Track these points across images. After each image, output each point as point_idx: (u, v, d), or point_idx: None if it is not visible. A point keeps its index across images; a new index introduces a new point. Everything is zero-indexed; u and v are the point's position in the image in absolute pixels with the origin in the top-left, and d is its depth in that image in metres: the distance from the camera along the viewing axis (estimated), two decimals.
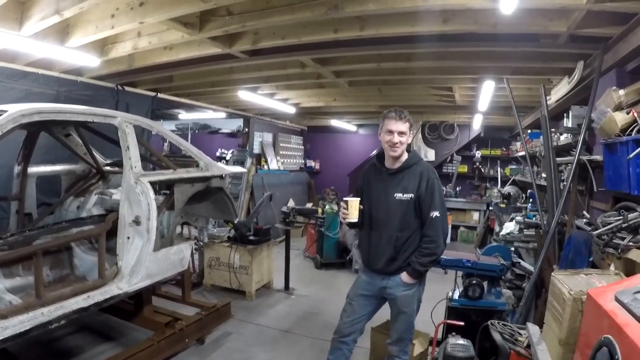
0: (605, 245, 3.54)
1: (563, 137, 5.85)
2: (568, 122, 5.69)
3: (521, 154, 9.44)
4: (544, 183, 6.26)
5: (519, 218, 6.82)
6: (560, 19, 4.24)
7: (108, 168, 5.87)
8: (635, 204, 3.57)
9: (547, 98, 5.90)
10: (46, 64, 6.32)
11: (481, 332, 3.90)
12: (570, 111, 5.62)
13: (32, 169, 5.39)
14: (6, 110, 3.64)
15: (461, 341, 3.50)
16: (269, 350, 5.44)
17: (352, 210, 3.71)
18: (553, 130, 5.78)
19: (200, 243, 7.41)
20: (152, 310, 5.35)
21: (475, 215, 12.88)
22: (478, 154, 13.23)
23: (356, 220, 3.75)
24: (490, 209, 11.28)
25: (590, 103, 4.66)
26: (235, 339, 5.74)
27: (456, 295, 4.48)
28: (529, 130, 8.29)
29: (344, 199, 3.81)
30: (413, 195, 3.64)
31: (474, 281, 4.32)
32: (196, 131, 13.88)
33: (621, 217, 3.51)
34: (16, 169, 5.28)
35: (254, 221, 7.73)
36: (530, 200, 8.04)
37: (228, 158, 12.02)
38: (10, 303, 3.78)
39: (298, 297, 7.48)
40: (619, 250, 3.36)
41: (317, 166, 15.71)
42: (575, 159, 4.67)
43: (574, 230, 4.68)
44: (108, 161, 5.97)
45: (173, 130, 7.80)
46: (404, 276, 3.69)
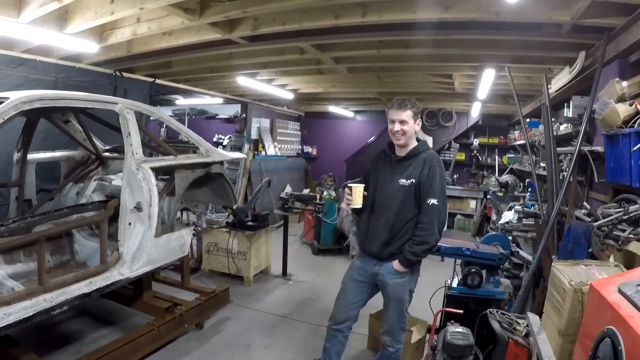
0: (605, 237, 3.56)
1: (563, 127, 5.84)
2: (568, 112, 5.68)
3: (520, 142, 9.46)
4: (543, 172, 6.28)
5: (518, 207, 6.84)
6: (564, 8, 4.22)
7: (107, 154, 5.87)
8: (636, 196, 3.60)
9: (548, 87, 5.91)
10: (44, 51, 6.27)
11: (479, 321, 3.93)
12: (570, 101, 5.62)
13: (32, 156, 5.40)
14: (7, 98, 3.64)
15: (461, 329, 3.52)
16: (267, 336, 5.47)
17: (356, 196, 3.74)
18: (553, 120, 5.78)
19: (198, 229, 7.44)
20: (152, 296, 5.38)
21: (472, 204, 12.88)
22: (476, 142, 13.23)
23: (360, 206, 3.77)
24: (488, 197, 11.31)
25: (592, 94, 4.65)
26: (234, 324, 5.76)
27: (455, 283, 4.50)
28: (528, 119, 8.28)
29: (348, 184, 3.84)
30: (414, 180, 3.64)
31: (473, 269, 4.34)
32: (193, 117, 13.86)
33: (622, 209, 3.53)
34: (15, 155, 5.29)
35: (251, 207, 7.74)
36: (529, 189, 8.06)
37: (225, 144, 12.01)
38: (12, 289, 3.79)
39: (296, 283, 7.52)
40: (619, 242, 3.38)
41: (314, 152, 15.70)
42: (576, 149, 4.67)
43: (573, 221, 4.70)
44: (107, 147, 5.96)
45: (170, 116, 7.78)
46: (395, 264, 3.70)
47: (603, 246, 3.66)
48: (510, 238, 6.04)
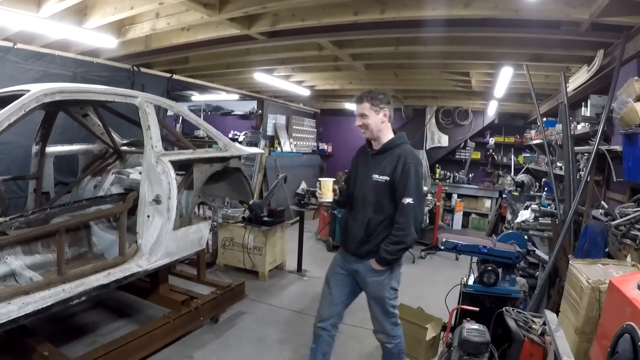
0: (623, 236, 3.54)
1: (580, 126, 5.81)
2: (586, 111, 5.65)
3: (536, 142, 9.40)
4: (559, 172, 6.24)
5: (534, 206, 6.81)
6: (583, 6, 4.19)
7: (125, 148, 5.92)
8: None
9: (566, 86, 5.87)
10: (63, 46, 6.34)
11: (495, 319, 3.92)
12: (588, 100, 5.58)
13: (50, 149, 5.48)
14: (29, 90, 3.69)
15: (477, 326, 3.51)
16: (282, 331, 5.50)
17: (325, 190, 3.85)
18: (570, 119, 5.75)
19: (214, 223, 7.48)
20: (168, 289, 5.41)
21: (487, 203, 12.84)
22: (492, 141, 13.13)
23: (330, 200, 3.87)
24: (503, 196, 11.24)
25: (610, 93, 4.63)
26: (249, 318, 5.80)
27: (471, 281, 4.49)
28: (545, 119, 8.23)
29: (319, 179, 3.94)
30: (389, 178, 3.59)
31: (489, 267, 4.32)
32: (209, 113, 13.90)
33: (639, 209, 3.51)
34: (34, 148, 5.36)
35: (267, 202, 7.77)
36: (545, 189, 8.01)
37: (241, 140, 12.04)
38: (30, 280, 3.85)
39: (311, 279, 7.54)
40: (637, 242, 3.36)
41: (330, 149, 15.66)
42: (594, 148, 4.65)
43: (590, 220, 4.67)
44: (125, 141, 6.02)
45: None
46: (372, 262, 3.66)
47: (620, 245, 3.64)
48: (526, 237, 6.01)
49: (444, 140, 13.43)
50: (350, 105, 13.59)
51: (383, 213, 3.62)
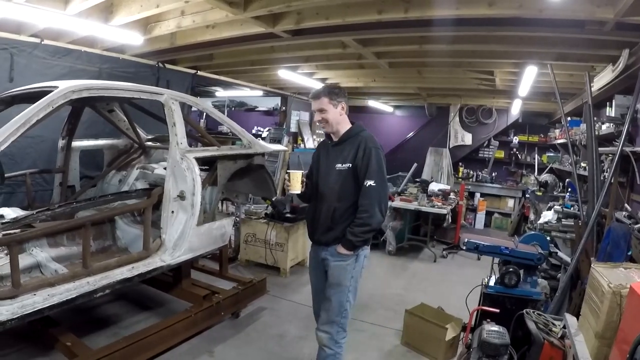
0: None
1: (605, 127, 5.74)
2: (611, 112, 5.59)
3: (560, 141, 9.31)
4: (583, 173, 6.18)
5: (557, 207, 6.75)
6: (608, 6, 4.13)
7: (150, 143, 6.01)
8: None
9: (591, 85, 5.81)
10: (89, 42, 6.44)
11: (515, 321, 3.90)
12: (613, 100, 5.52)
13: (76, 143, 5.59)
14: (57, 87, 3.75)
15: (497, 328, 3.51)
16: (302, 327, 5.52)
17: (294, 182, 3.83)
18: (595, 119, 5.68)
19: (237, 219, 7.55)
20: (191, 283, 5.47)
21: (510, 202, 12.76)
22: (515, 140, 13.02)
23: (299, 192, 3.86)
24: (527, 196, 11.15)
25: (635, 93, 4.57)
26: (269, 314, 5.85)
27: (492, 282, 4.47)
28: (569, 118, 8.14)
29: (288, 171, 3.99)
30: (351, 164, 3.62)
31: (511, 269, 4.30)
32: (232, 109, 13.99)
33: None
34: (60, 142, 5.48)
35: (290, 199, 7.80)
36: (569, 189, 7.94)
37: (264, 136, 12.11)
38: (55, 272, 3.95)
39: None
40: None
41: None
42: (619, 150, 4.60)
43: (613, 223, 4.62)
44: (149, 137, 6.11)
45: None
46: (338, 247, 3.65)
47: None
48: (549, 238, 5.97)
49: (467, 138, 13.36)
50: (373, 103, 13.58)
51: (348, 200, 3.65)
